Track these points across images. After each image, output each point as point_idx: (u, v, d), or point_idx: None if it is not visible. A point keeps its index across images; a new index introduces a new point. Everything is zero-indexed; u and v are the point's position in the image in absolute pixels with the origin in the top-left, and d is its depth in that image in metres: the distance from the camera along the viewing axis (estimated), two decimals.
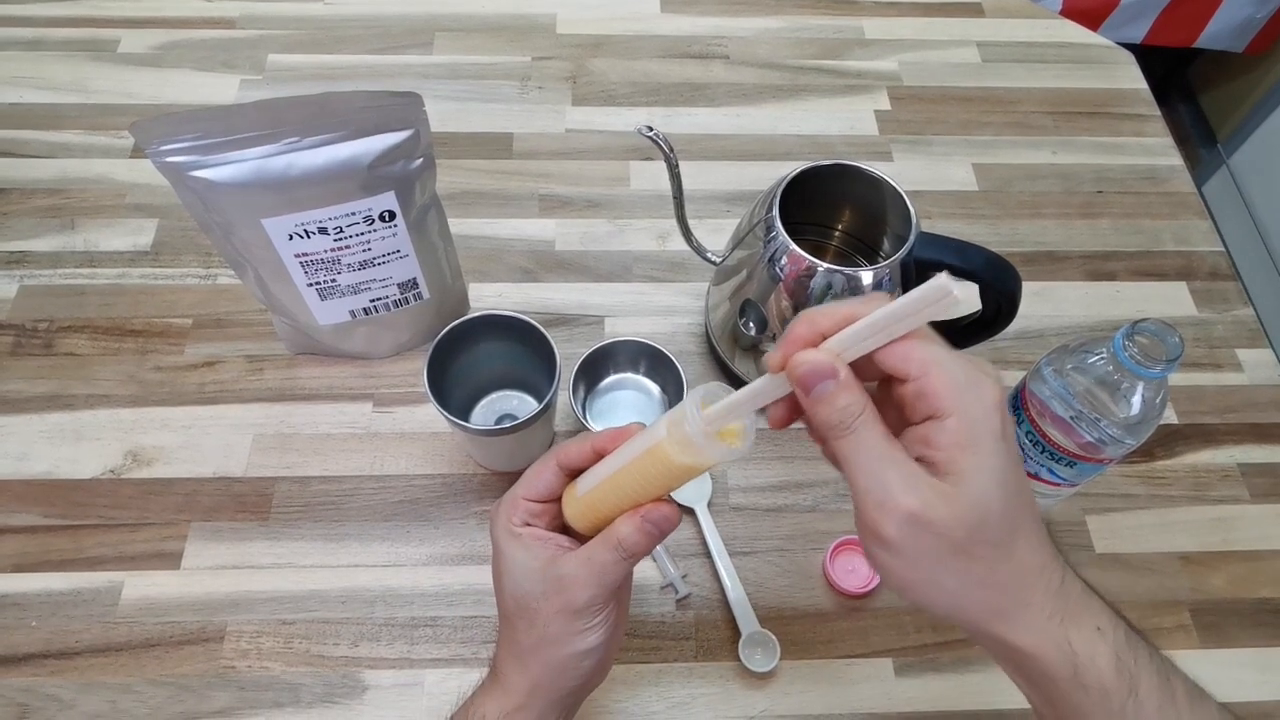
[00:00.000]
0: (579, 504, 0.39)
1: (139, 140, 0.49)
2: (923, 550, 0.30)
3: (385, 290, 0.61)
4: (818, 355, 0.31)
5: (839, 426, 0.31)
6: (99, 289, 0.70)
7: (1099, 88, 0.89)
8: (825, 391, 0.31)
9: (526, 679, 0.39)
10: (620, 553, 0.37)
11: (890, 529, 0.30)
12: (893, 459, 0.30)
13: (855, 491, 0.31)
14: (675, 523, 0.37)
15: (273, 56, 0.86)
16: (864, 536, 0.32)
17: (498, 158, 0.80)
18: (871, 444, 0.31)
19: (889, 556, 0.31)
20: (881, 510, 0.30)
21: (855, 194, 0.62)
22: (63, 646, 0.56)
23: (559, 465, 0.39)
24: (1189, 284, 0.75)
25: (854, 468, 0.31)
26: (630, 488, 0.37)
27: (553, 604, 0.38)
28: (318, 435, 0.64)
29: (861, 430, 0.31)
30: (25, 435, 0.63)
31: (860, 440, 0.31)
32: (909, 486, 0.30)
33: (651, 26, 0.91)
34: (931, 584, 0.31)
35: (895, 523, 0.30)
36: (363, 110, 0.51)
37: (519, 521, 0.40)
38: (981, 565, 0.31)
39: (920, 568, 0.31)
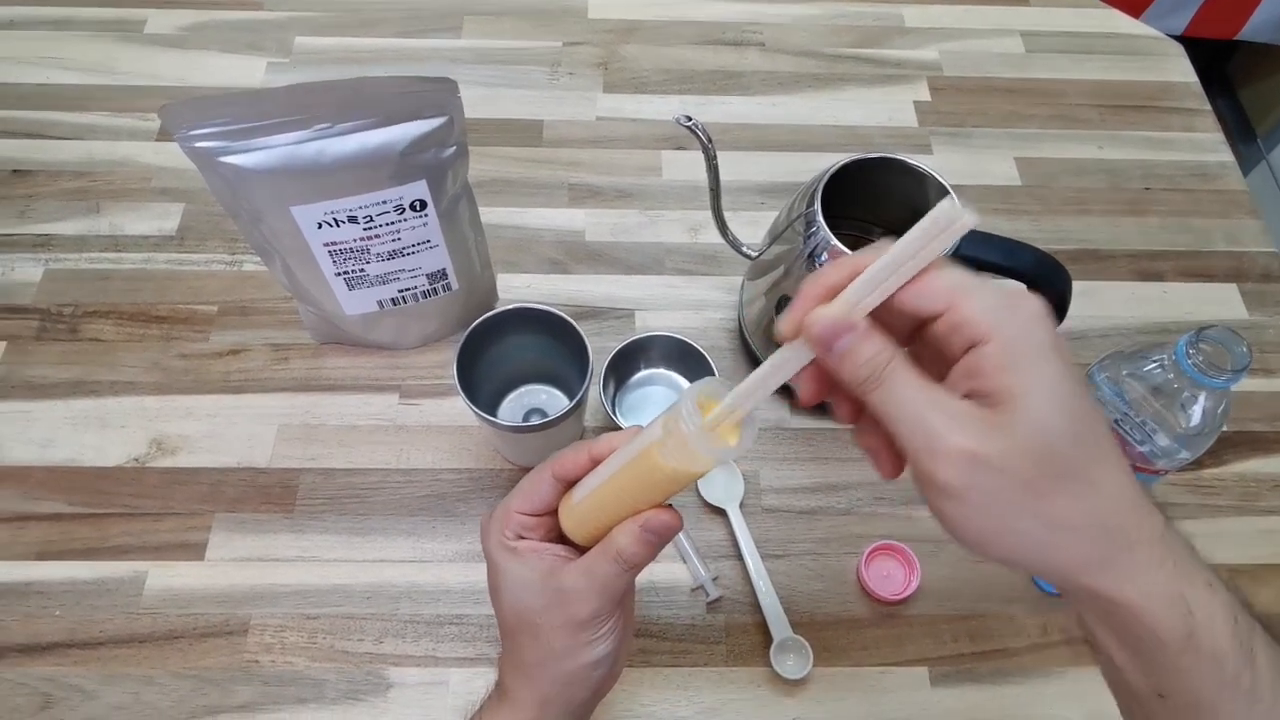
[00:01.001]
0: (575, 514, 0.37)
1: (168, 125, 0.48)
2: (989, 493, 0.27)
3: (414, 281, 0.60)
4: (831, 309, 0.28)
5: (869, 380, 0.28)
6: (124, 274, 0.70)
7: (1147, 80, 0.86)
8: (847, 346, 0.28)
9: (535, 694, 0.38)
10: (621, 564, 0.35)
11: (947, 474, 0.27)
12: (933, 400, 0.27)
13: (902, 446, 0.28)
14: (677, 530, 0.35)
15: (300, 39, 0.85)
16: (925, 491, 0.28)
17: (527, 145, 0.79)
18: (906, 390, 0.28)
19: (954, 507, 0.27)
20: (933, 457, 0.27)
21: (897, 188, 0.60)
22: (86, 636, 0.55)
23: (554, 476, 0.38)
24: (1239, 285, 0.73)
25: (894, 420, 0.28)
26: (627, 495, 0.35)
27: (556, 618, 0.36)
28: (343, 426, 0.63)
29: (892, 377, 0.28)
30: (50, 421, 0.63)
31: (893, 388, 0.28)
32: (957, 425, 0.27)
33: (685, 12, 0.89)
34: (1009, 532, 0.27)
35: (951, 467, 0.27)
36: (396, 96, 0.50)
37: (513, 535, 0.38)
38: (1061, 502, 0.27)
39: (991, 514, 0.27)
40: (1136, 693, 0.29)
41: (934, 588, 0.58)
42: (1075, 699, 0.55)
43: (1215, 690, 0.27)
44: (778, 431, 0.64)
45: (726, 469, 0.62)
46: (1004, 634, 0.57)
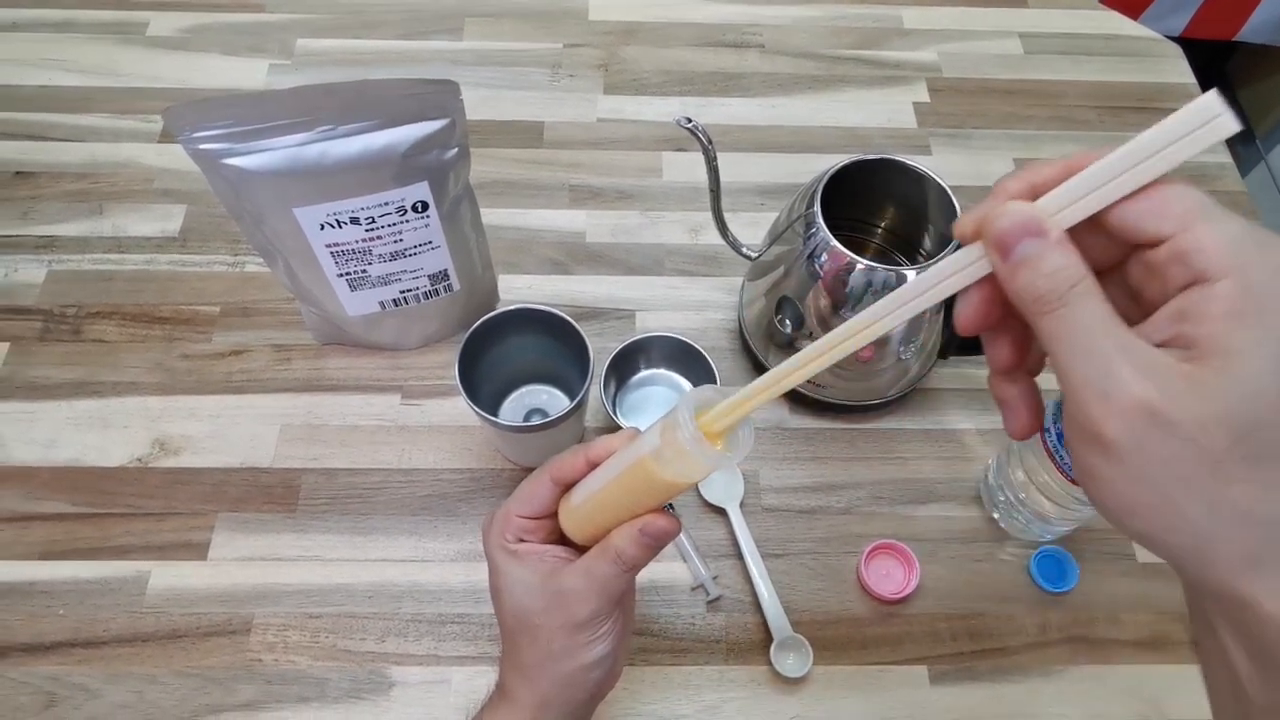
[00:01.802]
0: (574, 516, 0.38)
1: (171, 126, 0.48)
2: (1161, 461, 0.22)
3: (416, 281, 0.60)
4: (1020, 205, 0.24)
5: (1047, 297, 0.23)
6: (127, 275, 0.70)
7: (1145, 81, 0.86)
8: (1031, 251, 0.24)
9: (535, 695, 0.38)
10: (620, 565, 0.36)
11: (1117, 428, 0.22)
12: (1122, 340, 0.23)
13: (1069, 383, 0.23)
14: (673, 534, 0.36)
15: (301, 41, 0.85)
16: (1076, 441, 0.24)
17: (528, 147, 0.79)
18: (1092, 319, 0.23)
19: (1110, 467, 0.23)
20: (1105, 402, 0.22)
21: (897, 189, 0.60)
22: (90, 635, 0.55)
23: (552, 480, 0.38)
24: None
25: (1068, 351, 0.23)
26: (625, 499, 0.35)
27: (555, 619, 0.37)
28: (345, 427, 0.64)
29: (1079, 302, 0.23)
30: (53, 422, 0.63)
31: (1077, 315, 0.23)
32: (1146, 371, 0.22)
33: (685, 14, 0.89)
34: (1167, 510, 0.23)
35: (1123, 420, 0.22)
36: (398, 98, 0.50)
37: (513, 538, 0.38)
38: (1247, 490, 0.22)
39: (1154, 485, 0.23)
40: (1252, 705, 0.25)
41: (933, 587, 0.59)
42: (1074, 697, 0.56)
43: None
44: (778, 431, 0.64)
45: (727, 469, 0.62)
46: (1003, 633, 0.57)
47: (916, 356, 0.61)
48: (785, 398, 0.66)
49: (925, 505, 0.62)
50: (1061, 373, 0.24)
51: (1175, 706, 0.55)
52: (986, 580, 0.59)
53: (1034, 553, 0.60)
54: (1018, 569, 0.60)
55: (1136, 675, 0.56)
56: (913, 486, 0.63)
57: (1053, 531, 0.59)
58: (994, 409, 0.67)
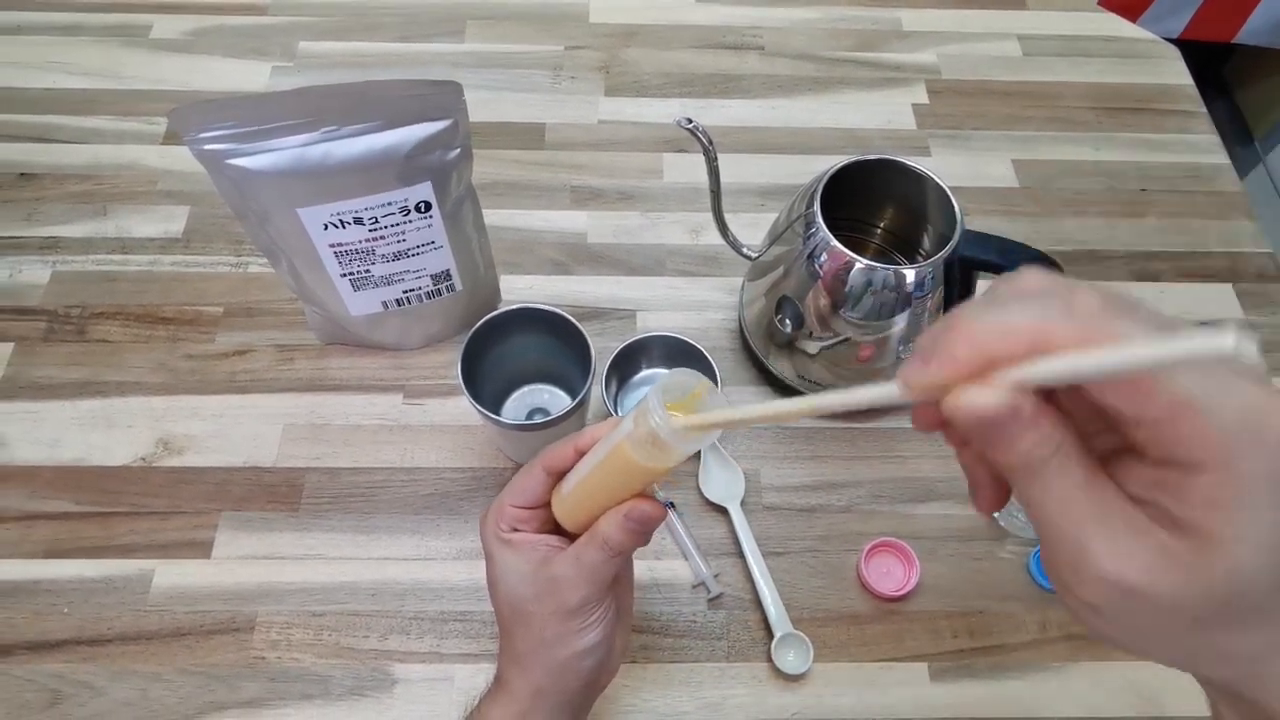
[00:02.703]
0: (564, 504, 0.39)
1: (177, 127, 0.49)
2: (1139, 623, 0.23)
3: (418, 281, 0.61)
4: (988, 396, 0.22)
5: (1021, 470, 0.23)
6: (131, 275, 0.70)
7: (1143, 83, 0.87)
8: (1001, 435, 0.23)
9: (529, 683, 0.39)
10: (607, 551, 0.36)
11: (1092, 595, 0.23)
12: (1099, 509, 0.23)
13: (1047, 545, 0.24)
14: (658, 519, 0.36)
15: (304, 43, 0.85)
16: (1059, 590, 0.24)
17: (529, 148, 0.79)
18: (1067, 492, 0.23)
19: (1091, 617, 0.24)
20: (1078, 575, 0.23)
21: (897, 190, 0.61)
22: (94, 634, 0.56)
23: (544, 470, 0.39)
24: (1235, 286, 0.74)
25: (1042, 518, 0.23)
26: (608, 485, 0.36)
27: (546, 606, 0.37)
28: (348, 426, 0.64)
29: (1052, 477, 0.23)
30: (57, 421, 0.63)
31: (1049, 489, 0.23)
32: (1122, 550, 0.22)
33: (685, 16, 0.90)
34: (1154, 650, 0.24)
35: (1098, 592, 0.23)
36: (401, 99, 0.50)
37: (507, 528, 0.39)
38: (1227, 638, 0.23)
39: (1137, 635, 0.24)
40: None
41: (933, 584, 0.59)
42: (1073, 694, 0.56)
43: None
44: (778, 431, 0.65)
45: (727, 468, 0.62)
46: (1003, 630, 0.58)
47: None
48: (785, 397, 0.66)
49: (925, 504, 0.62)
50: (1039, 533, 0.24)
51: (1173, 704, 0.56)
52: (986, 578, 0.60)
53: (1033, 550, 0.60)
54: (1017, 567, 0.60)
55: (1135, 672, 0.57)
56: (912, 485, 0.63)
57: None
58: None
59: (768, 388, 0.67)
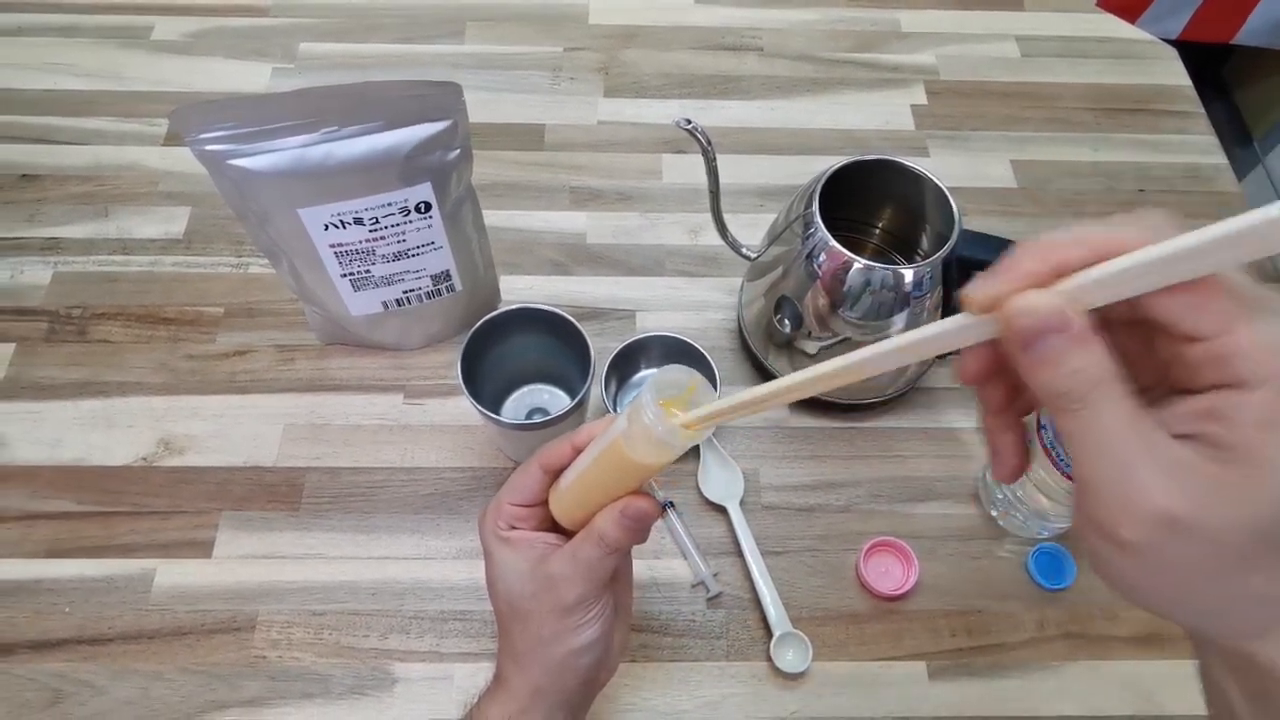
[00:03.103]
0: (561, 502, 0.39)
1: (178, 128, 0.49)
2: (1179, 560, 0.22)
3: (418, 282, 0.61)
4: (1045, 299, 0.22)
5: (1069, 396, 0.23)
6: (132, 276, 0.70)
7: (1141, 83, 0.87)
8: (1051, 350, 0.22)
9: (527, 681, 0.39)
10: (603, 548, 0.36)
11: (1134, 531, 0.22)
12: (1145, 441, 0.22)
13: (1085, 481, 0.23)
14: (654, 516, 0.37)
15: (304, 44, 0.86)
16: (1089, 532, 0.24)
17: (529, 149, 0.80)
18: (1114, 422, 0.22)
19: (1123, 560, 0.23)
20: (1125, 508, 0.22)
21: (895, 190, 0.61)
22: (95, 633, 0.56)
23: (542, 468, 0.39)
24: None
25: (1086, 450, 0.23)
26: (604, 482, 0.36)
27: (544, 603, 0.37)
28: (348, 426, 0.64)
29: (1101, 404, 0.22)
30: (58, 421, 0.63)
31: (1098, 415, 0.22)
32: (1171, 480, 0.22)
33: (684, 17, 0.90)
34: (1183, 598, 0.24)
35: (1142, 526, 0.22)
36: (401, 100, 0.51)
37: (505, 526, 0.39)
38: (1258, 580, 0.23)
39: (1170, 579, 0.23)
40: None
41: (932, 583, 0.59)
42: (1071, 693, 0.56)
43: None
44: (777, 430, 0.65)
45: (726, 467, 0.62)
46: (1001, 629, 0.58)
47: None
48: None
49: (924, 503, 0.62)
50: (1078, 468, 0.24)
51: (1171, 702, 0.56)
52: (984, 577, 0.60)
53: (1031, 550, 0.60)
54: (1015, 566, 0.60)
55: (1133, 671, 0.57)
56: (911, 484, 0.63)
57: (1050, 528, 0.60)
58: None
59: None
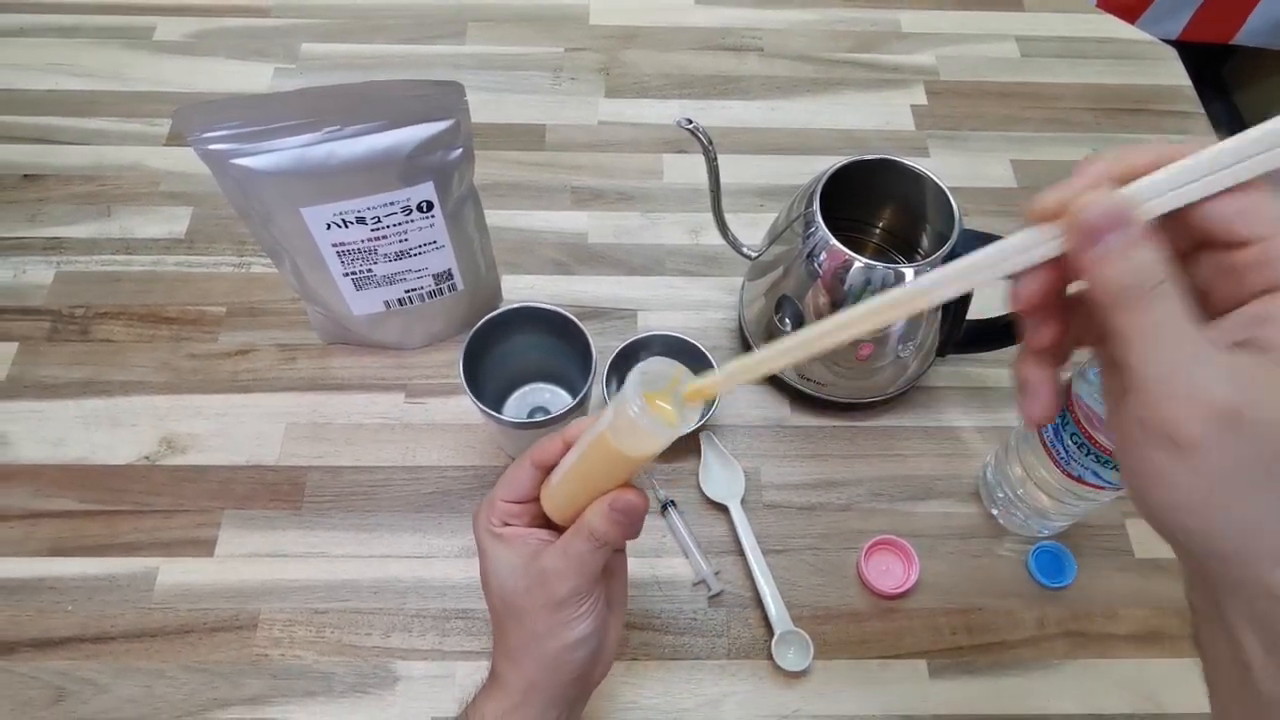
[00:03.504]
0: (553, 497, 0.39)
1: (181, 127, 0.49)
2: (1232, 461, 0.23)
3: (420, 281, 0.61)
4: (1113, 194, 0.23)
5: (1130, 292, 0.23)
6: (134, 276, 0.71)
7: (1141, 84, 0.87)
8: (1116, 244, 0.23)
9: (521, 677, 0.39)
10: (593, 541, 0.37)
11: (1193, 428, 0.22)
12: (1199, 340, 0.23)
13: (1142, 381, 0.23)
14: (642, 509, 0.37)
15: (306, 45, 0.86)
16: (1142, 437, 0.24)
17: (530, 149, 0.80)
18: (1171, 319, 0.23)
19: (1175, 463, 0.23)
20: (1188, 403, 0.23)
21: (896, 190, 0.61)
22: (98, 631, 0.56)
23: (534, 465, 0.39)
24: None
25: (1146, 349, 0.23)
26: (594, 476, 0.37)
27: (536, 599, 0.38)
28: (350, 425, 0.64)
29: (1160, 301, 0.23)
30: (61, 420, 0.64)
31: (1157, 313, 0.23)
32: (1229, 375, 0.22)
33: (685, 18, 0.90)
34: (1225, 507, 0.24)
35: (1201, 421, 0.22)
36: (404, 99, 0.51)
37: (499, 522, 0.40)
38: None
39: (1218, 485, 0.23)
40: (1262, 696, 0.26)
41: (932, 582, 0.59)
42: (1071, 691, 0.56)
43: None
44: (778, 429, 0.65)
45: (728, 466, 0.63)
46: (1002, 627, 0.58)
47: (915, 354, 0.61)
48: (786, 395, 0.66)
49: (924, 502, 0.63)
50: (1135, 369, 0.24)
51: (1172, 700, 0.56)
52: (985, 576, 0.60)
53: (1032, 548, 0.60)
54: (1016, 564, 0.60)
55: (1133, 669, 0.57)
56: (912, 483, 0.63)
57: (1050, 527, 0.60)
58: (992, 406, 0.68)
59: (768, 386, 0.67)
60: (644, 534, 0.59)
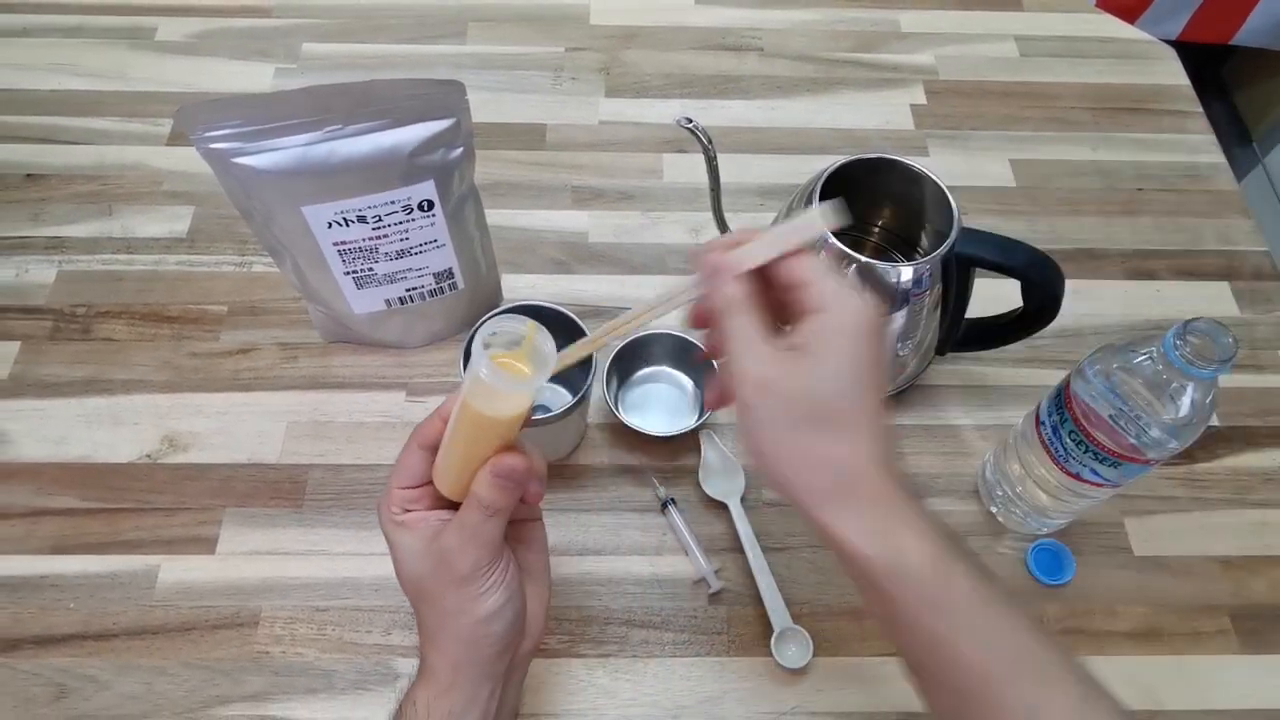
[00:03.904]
0: (440, 476, 0.39)
1: (183, 126, 0.49)
2: (770, 415, 0.34)
3: (421, 280, 0.61)
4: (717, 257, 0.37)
5: (722, 310, 0.36)
6: (136, 275, 0.71)
7: (1140, 83, 0.87)
8: (714, 284, 0.36)
9: (445, 659, 0.39)
10: (484, 511, 0.37)
11: (744, 392, 0.35)
12: (760, 338, 0.35)
13: (729, 364, 0.36)
14: (523, 470, 0.37)
15: (307, 45, 0.86)
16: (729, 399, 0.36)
17: (531, 149, 0.80)
18: (745, 325, 0.35)
19: (744, 418, 0.35)
20: (742, 378, 0.35)
21: (895, 188, 0.61)
22: (100, 628, 0.56)
23: (420, 446, 0.40)
24: (1231, 284, 0.74)
25: (730, 343, 0.35)
26: (470, 446, 0.37)
27: (442, 578, 0.38)
28: (351, 424, 0.64)
29: (736, 316, 0.35)
30: (63, 419, 0.64)
31: (735, 323, 0.35)
32: (766, 359, 0.35)
33: (685, 18, 0.91)
34: (775, 453, 0.35)
35: (748, 386, 0.34)
36: (405, 98, 0.51)
37: (399, 510, 0.40)
38: (816, 441, 0.34)
39: (766, 431, 0.35)
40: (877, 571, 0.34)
41: None
42: None
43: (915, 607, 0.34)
44: None
45: (727, 465, 0.63)
46: None
47: (915, 353, 0.62)
48: None
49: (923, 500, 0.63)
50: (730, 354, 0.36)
51: (1171, 697, 0.56)
52: None
53: (1031, 546, 0.60)
54: (1015, 562, 0.60)
55: (1133, 666, 0.57)
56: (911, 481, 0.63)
57: (1050, 524, 0.60)
58: (991, 404, 0.68)
59: None
60: (644, 532, 0.61)
